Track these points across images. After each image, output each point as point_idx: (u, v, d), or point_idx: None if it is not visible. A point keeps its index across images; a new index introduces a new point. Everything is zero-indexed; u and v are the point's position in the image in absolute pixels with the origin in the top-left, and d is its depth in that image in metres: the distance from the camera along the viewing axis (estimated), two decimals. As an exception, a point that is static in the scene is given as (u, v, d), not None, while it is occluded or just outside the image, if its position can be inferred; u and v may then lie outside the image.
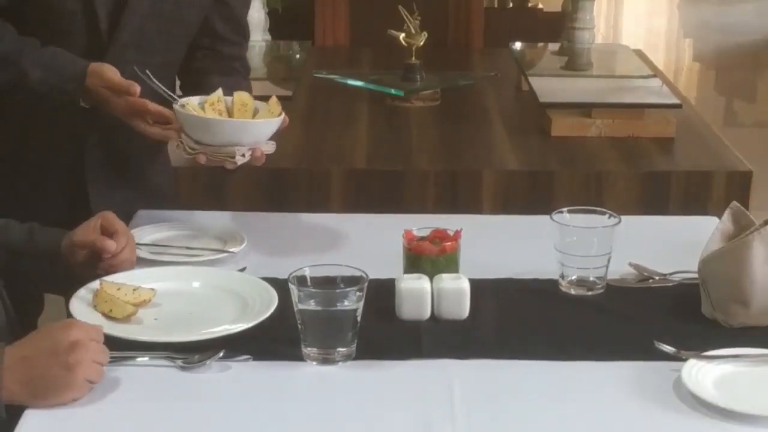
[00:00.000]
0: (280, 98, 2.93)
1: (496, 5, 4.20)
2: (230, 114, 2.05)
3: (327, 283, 1.67)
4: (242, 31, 2.47)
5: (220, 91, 2.07)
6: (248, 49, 2.57)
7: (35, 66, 2.10)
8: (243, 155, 2.06)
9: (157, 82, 2.08)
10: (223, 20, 2.37)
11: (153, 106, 2.08)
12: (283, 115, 2.03)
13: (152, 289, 1.83)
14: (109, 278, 1.83)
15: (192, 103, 2.05)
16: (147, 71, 2.07)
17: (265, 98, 2.11)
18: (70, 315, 1.75)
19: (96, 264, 1.88)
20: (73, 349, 1.56)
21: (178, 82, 2.42)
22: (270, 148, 2.10)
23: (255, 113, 2.06)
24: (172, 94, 2.15)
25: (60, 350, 1.56)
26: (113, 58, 2.16)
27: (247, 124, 2.02)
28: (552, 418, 1.55)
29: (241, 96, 2.06)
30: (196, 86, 2.29)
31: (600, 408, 1.58)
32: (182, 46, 2.34)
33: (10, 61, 2.10)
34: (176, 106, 2.02)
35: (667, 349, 1.68)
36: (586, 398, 1.60)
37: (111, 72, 2.10)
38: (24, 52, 2.11)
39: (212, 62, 2.39)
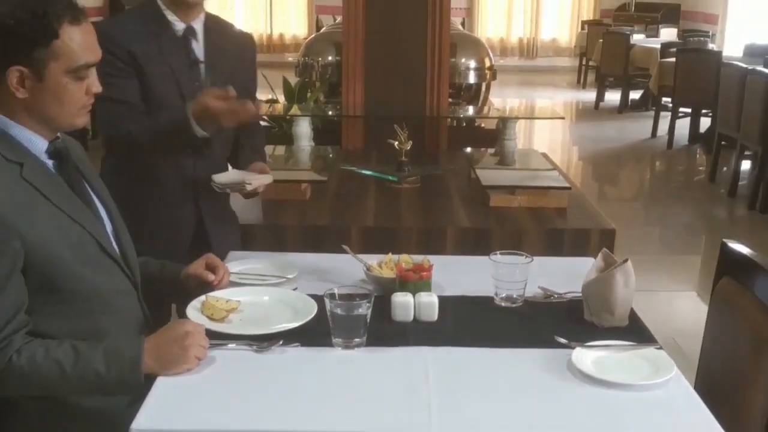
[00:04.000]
0: (318, 182, 2.97)
1: (455, 124, 4.21)
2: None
3: (348, 297, 1.68)
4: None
5: (391, 255, 2.04)
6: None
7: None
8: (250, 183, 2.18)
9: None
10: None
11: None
12: None
13: (238, 301, 1.82)
14: (211, 294, 1.83)
15: (373, 265, 2.01)
16: None
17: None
18: (184, 316, 1.75)
19: (203, 288, 1.89)
20: (186, 336, 1.57)
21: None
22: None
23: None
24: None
25: (178, 337, 1.57)
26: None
27: None
28: (490, 382, 1.56)
29: (404, 256, 2.02)
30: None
31: (520, 377, 1.58)
32: None
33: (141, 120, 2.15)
34: (365, 270, 2.00)
35: (562, 341, 1.68)
36: (511, 371, 1.61)
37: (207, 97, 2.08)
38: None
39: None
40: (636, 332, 1.77)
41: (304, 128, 3.43)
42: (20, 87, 1.56)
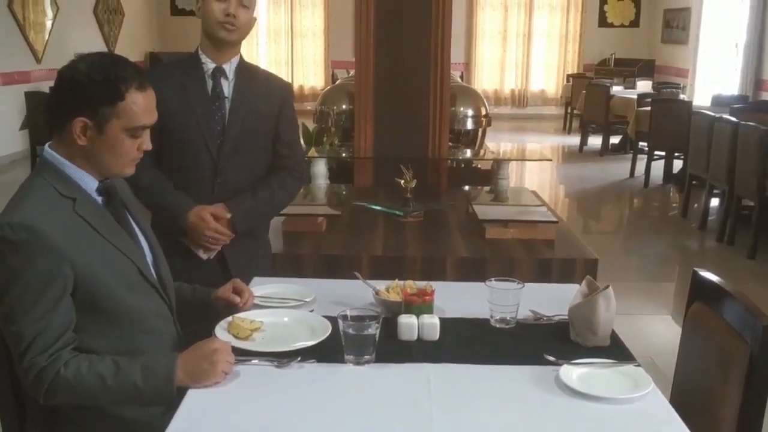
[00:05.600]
0: (333, 216, 2.98)
1: (454, 165, 4.23)
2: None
3: (359, 318, 1.67)
4: (292, 149, 2.41)
5: (397, 281, 2.01)
6: (300, 157, 2.51)
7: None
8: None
9: None
10: (280, 144, 2.37)
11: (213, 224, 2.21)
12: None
13: (261, 321, 1.82)
14: (237, 315, 1.83)
15: (381, 290, 2.00)
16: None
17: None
18: (213, 335, 1.75)
19: (230, 309, 1.89)
20: (214, 353, 1.57)
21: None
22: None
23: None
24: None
25: (207, 354, 1.57)
26: (222, 164, 2.25)
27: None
28: (486, 396, 1.55)
29: (408, 282, 1.98)
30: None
31: (513, 391, 1.57)
32: (262, 153, 2.34)
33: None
34: (374, 294, 1.99)
35: (551, 358, 1.67)
36: (505, 385, 1.60)
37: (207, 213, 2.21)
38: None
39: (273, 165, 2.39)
40: (617, 351, 1.76)
41: (320, 168, 3.46)
42: (82, 135, 1.59)
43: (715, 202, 6.34)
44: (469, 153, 4.50)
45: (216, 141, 2.24)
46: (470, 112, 4.62)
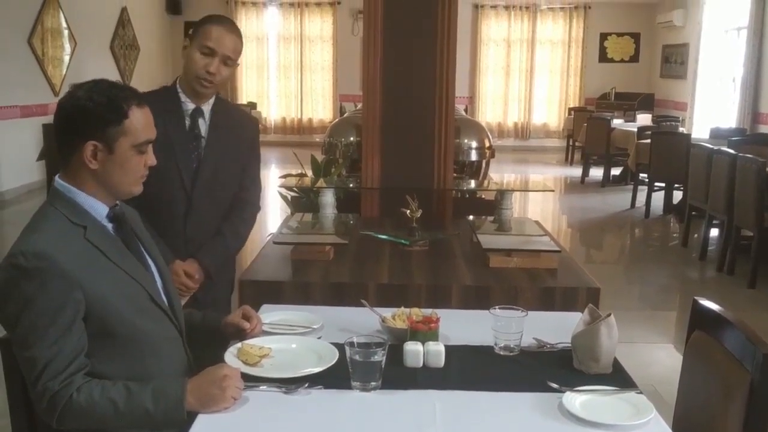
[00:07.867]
0: (340, 245, 2.98)
1: (459, 196, 4.21)
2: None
3: (366, 345, 1.67)
4: (254, 182, 2.50)
5: (403, 308, 2.02)
6: (259, 189, 2.57)
7: None
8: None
9: None
10: (245, 177, 2.45)
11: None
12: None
13: (269, 348, 1.82)
14: (246, 341, 1.83)
15: (388, 317, 2.00)
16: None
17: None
18: (222, 361, 1.74)
19: (239, 335, 1.89)
20: (224, 379, 1.56)
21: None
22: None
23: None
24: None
25: (217, 380, 1.56)
26: (195, 200, 2.32)
27: None
28: (491, 422, 1.54)
29: (414, 310, 1.99)
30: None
31: (517, 417, 1.56)
32: (231, 189, 2.42)
33: None
34: (380, 322, 1.99)
35: (554, 385, 1.66)
36: (509, 412, 1.59)
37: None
38: None
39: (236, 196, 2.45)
40: (619, 378, 1.75)
41: (328, 198, 3.45)
42: (93, 159, 1.61)
43: (714, 232, 6.32)
44: (473, 184, 4.49)
45: (191, 178, 2.31)
46: (474, 144, 4.63)
